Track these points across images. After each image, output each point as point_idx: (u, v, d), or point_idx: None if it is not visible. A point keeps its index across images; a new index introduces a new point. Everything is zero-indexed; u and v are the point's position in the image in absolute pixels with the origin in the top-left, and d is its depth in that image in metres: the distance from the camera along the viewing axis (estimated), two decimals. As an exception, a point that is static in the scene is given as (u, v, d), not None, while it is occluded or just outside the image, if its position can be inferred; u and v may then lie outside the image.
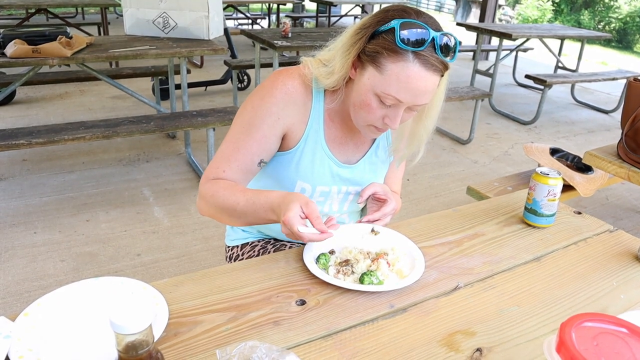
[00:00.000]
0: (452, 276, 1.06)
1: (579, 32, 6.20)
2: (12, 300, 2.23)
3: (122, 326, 0.57)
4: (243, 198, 1.13)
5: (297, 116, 1.22)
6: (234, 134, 1.22)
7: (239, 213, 1.15)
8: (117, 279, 0.95)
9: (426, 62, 1.03)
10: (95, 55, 2.91)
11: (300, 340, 0.86)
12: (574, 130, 5.27)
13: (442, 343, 0.87)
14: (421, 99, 1.08)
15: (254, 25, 9.01)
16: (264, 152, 1.21)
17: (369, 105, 1.10)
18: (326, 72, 1.16)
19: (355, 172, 1.31)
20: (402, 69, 1.04)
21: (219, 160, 1.22)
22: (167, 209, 3.08)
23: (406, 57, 1.03)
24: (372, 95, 1.09)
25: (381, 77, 1.06)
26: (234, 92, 5.05)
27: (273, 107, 1.18)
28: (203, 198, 1.21)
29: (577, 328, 0.67)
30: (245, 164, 1.21)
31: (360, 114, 1.14)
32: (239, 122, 1.21)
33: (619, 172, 1.82)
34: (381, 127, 1.15)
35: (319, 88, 1.22)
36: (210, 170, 1.22)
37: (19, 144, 2.70)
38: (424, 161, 4.09)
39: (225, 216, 1.19)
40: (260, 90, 1.22)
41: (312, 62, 1.20)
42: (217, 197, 1.17)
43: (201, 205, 1.23)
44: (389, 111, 1.11)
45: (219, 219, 1.22)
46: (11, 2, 5.00)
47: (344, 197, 1.34)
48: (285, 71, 1.23)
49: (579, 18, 17.50)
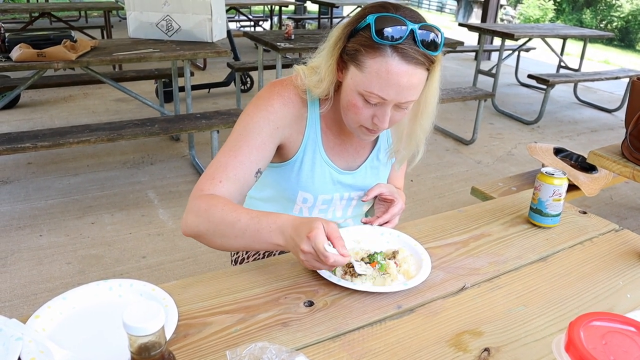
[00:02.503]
0: (458, 276, 1.07)
1: (581, 31, 6.20)
2: (19, 302, 2.25)
3: (135, 328, 0.58)
4: (246, 216, 1.02)
5: (294, 127, 1.21)
6: (230, 144, 1.16)
7: (236, 232, 1.02)
8: (126, 281, 0.96)
9: (406, 56, 1.00)
10: (100, 58, 2.93)
11: (308, 341, 0.86)
12: (577, 130, 5.26)
13: (450, 343, 0.88)
14: (406, 95, 1.04)
15: (256, 27, 9.03)
16: (262, 161, 1.16)
17: (355, 105, 1.09)
18: (316, 80, 1.15)
19: (357, 178, 1.31)
20: (381, 64, 1.01)
21: (214, 170, 1.13)
22: (171, 211, 3.09)
23: (384, 51, 1.00)
24: (357, 95, 1.07)
25: (362, 75, 1.04)
26: (237, 94, 5.06)
27: (271, 115, 1.17)
28: (193, 212, 1.07)
29: (585, 327, 0.68)
30: (243, 173, 1.13)
31: (349, 116, 1.13)
32: (235, 132, 1.17)
33: (624, 171, 1.82)
34: (371, 127, 1.12)
35: (313, 98, 1.21)
36: (204, 182, 1.11)
37: (24, 147, 2.71)
38: (428, 162, 4.10)
39: (217, 235, 1.05)
40: (257, 100, 1.20)
41: (305, 70, 1.19)
42: (215, 211, 1.04)
43: (189, 219, 1.08)
44: (377, 110, 1.08)
45: (206, 238, 1.07)
46: (15, 6, 5.02)
47: (347, 203, 1.33)
48: (280, 82, 1.22)
49: (580, 17, 17.48)
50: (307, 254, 0.93)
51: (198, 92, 5.42)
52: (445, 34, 1.09)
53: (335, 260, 0.91)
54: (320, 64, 1.14)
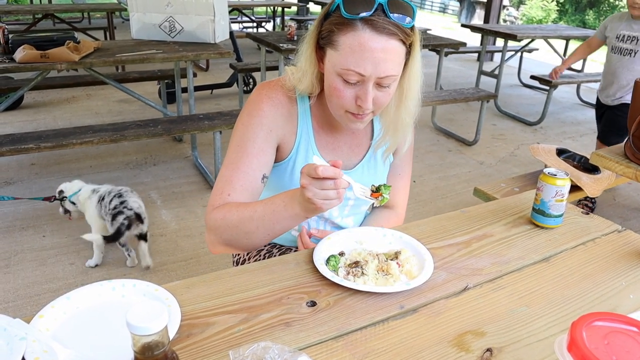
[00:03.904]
0: (461, 277, 1.07)
1: (584, 32, 6.19)
2: (22, 302, 2.25)
3: (139, 327, 0.58)
4: (260, 205, 1.09)
5: (286, 127, 1.21)
6: (230, 157, 1.18)
7: (257, 223, 1.08)
8: (129, 281, 0.96)
9: (377, 26, 1.00)
10: (103, 59, 2.94)
11: (311, 341, 0.86)
12: (580, 131, 5.26)
13: (453, 343, 0.88)
14: (384, 68, 1.03)
15: (259, 28, 9.04)
16: (264, 166, 1.18)
17: (336, 88, 1.08)
18: (300, 75, 1.15)
19: (354, 177, 1.30)
20: (354, 38, 1.01)
21: (221, 185, 1.16)
22: (174, 212, 3.10)
23: (355, 25, 1.01)
24: (336, 77, 1.07)
25: (337, 54, 1.04)
26: (240, 95, 5.07)
27: (263, 119, 1.18)
28: (212, 228, 1.13)
29: (587, 327, 0.68)
30: (249, 182, 1.16)
31: (333, 101, 1.12)
32: (233, 144, 1.19)
33: (626, 172, 1.82)
34: (356, 111, 1.10)
35: (302, 96, 1.21)
36: (214, 198, 1.16)
37: (27, 148, 2.72)
38: (430, 162, 4.10)
39: (241, 234, 1.11)
40: (247, 107, 1.21)
41: (293, 69, 1.19)
42: (231, 216, 1.10)
43: (211, 238, 1.15)
44: (359, 91, 1.07)
45: (234, 244, 1.14)
46: (19, 7, 5.04)
47: (343, 202, 1.32)
48: (268, 84, 1.23)
49: (583, 18, 17.45)
50: (308, 185, 0.95)
51: (201, 93, 5.43)
52: (448, 35, 1.10)
53: (324, 170, 0.93)
54: (301, 59, 1.15)
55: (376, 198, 1.07)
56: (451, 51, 6.67)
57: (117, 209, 2.37)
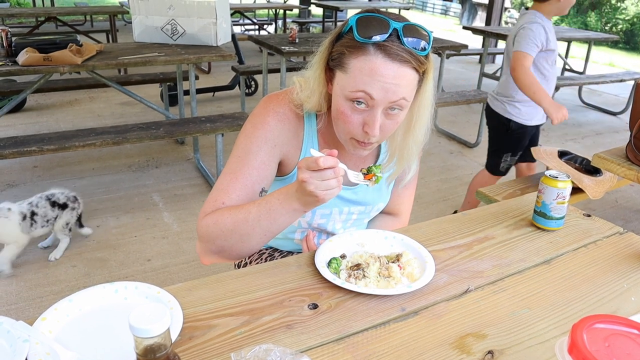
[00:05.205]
0: (462, 279, 1.07)
1: (586, 34, 6.19)
2: (25, 305, 2.26)
3: (141, 329, 0.59)
4: (253, 206, 1.05)
5: (291, 142, 1.19)
6: (230, 166, 1.15)
7: (252, 224, 1.04)
8: (131, 283, 0.96)
9: (389, 52, 0.97)
10: (105, 62, 2.95)
11: (313, 343, 0.86)
12: (582, 133, 5.25)
13: (454, 346, 0.88)
14: (393, 94, 1.00)
15: (261, 30, 9.06)
16: (264, 180, 1.15)
17: (344, 113, 1.05)
18: (307, 94, 1.13)
19: (359, 194, 1.29)
20: (365, 62, 0.98)
21: (216, 194, 1.13)
22: (176, 215, 3.10)
23: (367, 49, 0.98)
24: (344, 101, 1.04)
25: (347, 77, 1.01)
26: (242, 97, 5.08)
27: (268, 133, 1.15)
28: (204, 235, 1.10)
29: (588, 329, 0.68)
30: (246, 193, 1.12)
31: (339, 126, 1.09)
32: (235, 154, 1.16)
33: (628, 174, 1.82)
34: (361, 138, 1.07)
35: (309, 113, 1.18)
36: (207, 205, 1.12)
37: (30, 150, 2.73)
38: (432, 165, 4.10)
39: (236, 238, 1.07)
40: (253, 118, 1.18)
41: (301, 82, 1.15)
42: (224, 220, 1.07)
43: (203, 246, 1.12)
44: (366, 116, 1.03)
45: (228, 251, 1.10)
46: (22, 10, 5.07)
47: (346, 217, 1.32)
48: (275, 97, 1.19)
49: (585, 20, 17.44)
50: (309, 179, 0.94)
51: (203, 95, 5.44)
52: (450, 37, 1.09)
53: (325, 161, 0.92)
54: (310, 76, 1.12)
55: (370, 179, 1.06)
56: (453, 53, 6.67)
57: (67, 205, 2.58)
